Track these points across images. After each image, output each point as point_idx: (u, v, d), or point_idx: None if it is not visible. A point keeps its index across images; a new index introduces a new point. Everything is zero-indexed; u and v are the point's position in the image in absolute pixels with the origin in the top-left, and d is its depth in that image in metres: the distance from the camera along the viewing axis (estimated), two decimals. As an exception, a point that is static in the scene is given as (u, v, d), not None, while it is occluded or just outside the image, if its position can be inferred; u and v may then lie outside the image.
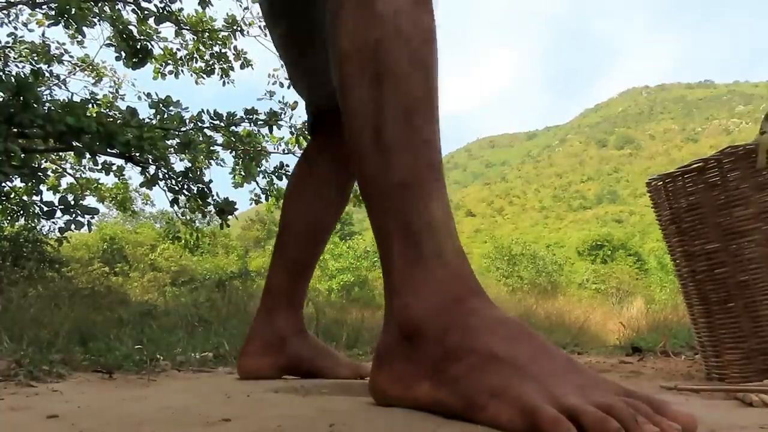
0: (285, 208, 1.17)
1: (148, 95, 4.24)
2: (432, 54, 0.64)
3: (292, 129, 5.13)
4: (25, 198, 5.11)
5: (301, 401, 0.68)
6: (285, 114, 4.99)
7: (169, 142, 4.38)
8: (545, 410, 0.45)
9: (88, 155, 3.43)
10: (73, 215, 3.08)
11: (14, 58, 4.96)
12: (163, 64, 5.60)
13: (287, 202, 1.17)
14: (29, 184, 4.20)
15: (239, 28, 5.51)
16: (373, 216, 0.64)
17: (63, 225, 3.13)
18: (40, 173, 3.31)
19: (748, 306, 1.13)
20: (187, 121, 4.59)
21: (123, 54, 4.67)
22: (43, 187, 4.73)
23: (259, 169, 5.30)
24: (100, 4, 4.56)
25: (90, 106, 4.79)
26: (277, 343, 1.11)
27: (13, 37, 4.99)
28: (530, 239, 39.24)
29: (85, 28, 4.22)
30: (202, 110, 4.67)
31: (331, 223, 1.17)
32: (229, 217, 4.39)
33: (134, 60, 4.67)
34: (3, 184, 3.37)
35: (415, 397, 0.57)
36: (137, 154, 4.23)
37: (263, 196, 5.43)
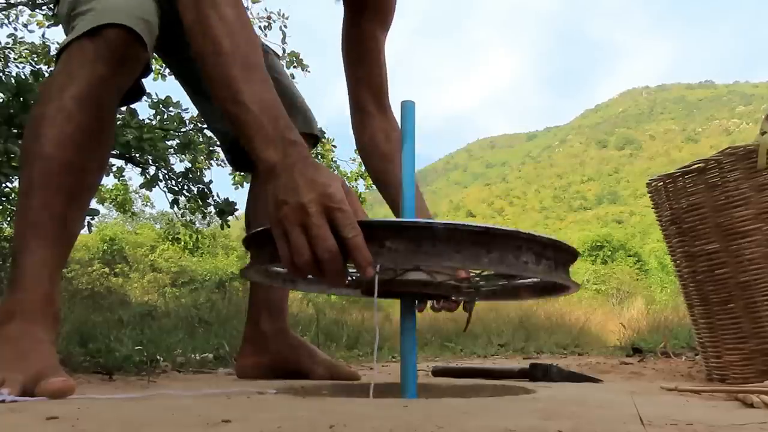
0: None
1: (148, 95, 4.22)
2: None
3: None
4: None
5: (301, 402, 0.68)
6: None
7: (169, 143, 4.37)
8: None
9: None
10: (74, 216, 3.06)
11: (14, 59, 4.94)
12: (164, 65, 5.59)
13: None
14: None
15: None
16: None
17: (63, 226, 3.11)
18: (40, 174, 3.29)
19: (749, 306, 1.13)
20: (188, 121, 4.57)
21: (123, 55, 4.64)
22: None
23: (259, 169, 5.27)
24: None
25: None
26: (261, 343, 1.24)
27: (13, 38, 4.97)
28: (530, 240, 39.18)
29: (85, 29, 4.20)
30: (203, 111, 4.64)
31: None
32: (230, 217, 4.38)
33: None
34: (3, 185, 3.36)
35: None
36: (137, 155, 4.22)
37: (263, 197, 5.40)
